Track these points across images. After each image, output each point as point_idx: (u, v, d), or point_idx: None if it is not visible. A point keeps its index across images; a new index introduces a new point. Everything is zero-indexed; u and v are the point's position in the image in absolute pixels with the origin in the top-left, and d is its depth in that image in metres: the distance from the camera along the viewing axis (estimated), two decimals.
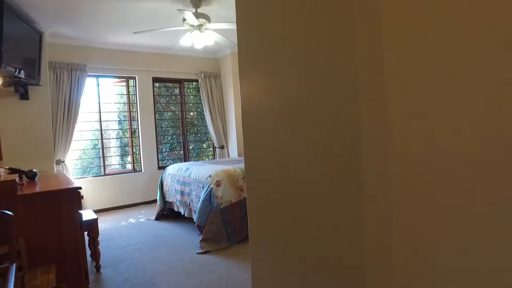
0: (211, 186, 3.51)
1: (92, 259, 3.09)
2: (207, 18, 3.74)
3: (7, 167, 2.95)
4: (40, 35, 4.40)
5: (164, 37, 5.12)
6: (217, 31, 4.07)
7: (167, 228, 4.23)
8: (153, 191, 5.70)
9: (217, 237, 3.42)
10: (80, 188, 2.35)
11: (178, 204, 4.28)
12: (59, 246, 2.31)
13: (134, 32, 3.91)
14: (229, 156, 6.62)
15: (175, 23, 4.29)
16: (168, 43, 5.43)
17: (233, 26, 3.96)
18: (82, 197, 2.62)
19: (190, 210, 4.06)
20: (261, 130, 1.02)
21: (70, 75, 4.95)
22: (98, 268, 3.00)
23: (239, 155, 6.35)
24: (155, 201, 5.70)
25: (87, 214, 3.06)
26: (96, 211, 5.20)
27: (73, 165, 5.36)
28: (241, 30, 1.06)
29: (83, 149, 5.75)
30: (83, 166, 5.68)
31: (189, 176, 4.05)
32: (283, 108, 0.89)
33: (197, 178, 3.86)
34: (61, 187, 2.36)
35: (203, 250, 3.31)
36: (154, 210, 5.12)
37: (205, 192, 3.52)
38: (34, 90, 4.45)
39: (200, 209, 3.49)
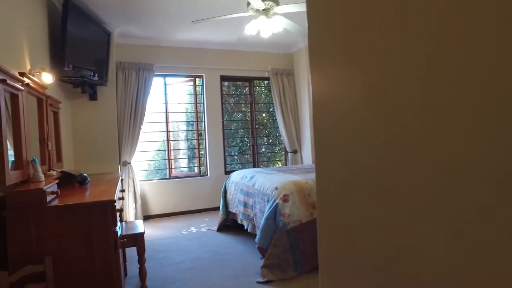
0: (276, 201, 2.89)
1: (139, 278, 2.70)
2: (275, 0, 3.15)
3: (59, 170, 2.74)
4: (108, 35, 4.31)
5: (230, 30, 4.69)
6: (286, 15, 3.45)
7: (228, 243, 3.73)
8: (219, 198, 5.27)
9: (282, 264, 2.77)
10: (114, 201, 1.94)
11: (241, 217, 3.75)
12: (90, 267, 1.92)
13: (193, 22, 3.51)
14: (302, 163, 5.93)
15: (239, 11, 3.79)
16: (235, 36, 4.99)
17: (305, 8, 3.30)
18: (121, 210, 2.23)
19: (253, 225, 3.50)
20: (340, 137, 0.77)
21: (138, 75, 4.82)
22: None
23: (313, 161, 5.62)
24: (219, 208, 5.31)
25: (133, 227, 2.69)
26: (160, 216, 5.00)
27: (139, 167, 5.24)
28: (313, 10, 0.86)
29: (150, 151, 5.63)
30: (149, 168, 5.56)
31: (253, 186, 3.49)
32: (381, 108, 0.64)
33: (261, 189, 3.28)
34: (98, 199, 1.97)
35: (264, 279, 2.70)
36: (217, 217, 4.69)
37: (270, 208, 2.91)
38: (101, 90, 4.38)
39: (263, 228, 2.89)
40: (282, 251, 2.77)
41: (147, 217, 4.97)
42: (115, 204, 1.96)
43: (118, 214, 2.23)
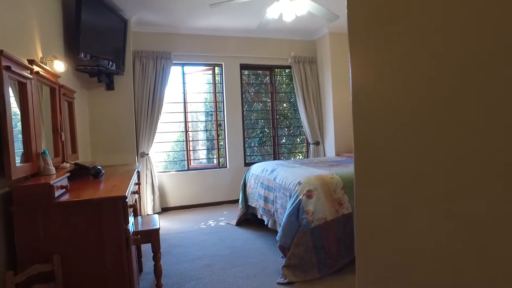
0: (300, 197, 2.69)
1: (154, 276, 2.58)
2: None
3: (73, 162, 2.64)
4: (125, 22, 4.18)
5: (250, 16, 4.45)
6: None
7: (247, 238, 3.57)
8: (238, 190, 5.13)
9: (305, 265, 2.59)
10: (126, 197, 1.80)
11: (261, 212, 3.59)
12: (101, 267, 1.80)
13: (211, 5, 3.30)
14: (325, 155, 5.69)
15: None
16: (255, 23, 4.75)
17: None
18: (133, 206, 2.10)
19: (274, 221, 3.32)
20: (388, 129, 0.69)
21: (155, 64, 4.69)
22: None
23: (337, 154, 5.36)
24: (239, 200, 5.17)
25: (148, 222, 2.56)
26: (178, 208, 4.91)
27: (157, 159, 5.15)
28: None
29: (168, 142, 5.53)
30: (167, 159, 5.47)
31: (274, 179, 3.30)
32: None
33: (283, 183, 3.09)
34: (109, 194, 1.84)
35: (286, 280, 2.52)
36: (236, 211, 4.55)
37: (292, 204, 2.72)
38: (118, 80, 4.27)
39: (285, 226, 2.70)
40: (305, 251, 2.58)
41: (165, 209, 4.90)
42: (126, 200, 1.82)
43: (131, 209, 2.10)
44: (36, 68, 2.07)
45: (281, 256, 2.85)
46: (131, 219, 2.09)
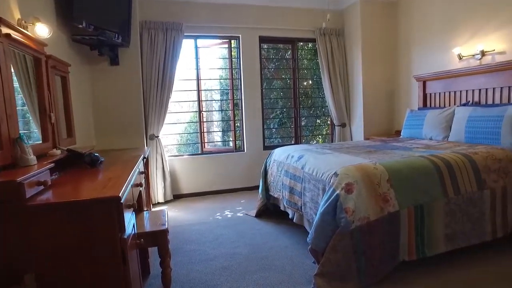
0: (337, 191, 2.21)
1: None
2: None
3: (65, 148, 2.22)
4: None
5: None
6: None
7: (269, 234, 3.14)
8: (256, 176, 4.71)
9: (343, 274, 2.14)
10: (120, 198, 1.35)
11: (285, 204, 3.13)
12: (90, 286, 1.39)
13: None
14: (351, 138, 5.15)
15: None
16: None
17: None
18: (134, 204, 1.66)
19: (301, 216, 2.87)
20: None
21: (165, 36, 4.18)
22: None
23: (365, 137, 4.82)
24: (257, 187, 4.73)
25: (154, 220, 2.14)
26: (191, 195, 4.53)
27: (168, 142, 4.73)
28: None
29: (180, 123, 5.10)
30: (180, 142, 5.04)
31: (302, 168, 2.82)
32: None
33: (314, 173, 2.61)
34: (99, 194, 1.40)
35: None
36: (255, 199, 4.13)
37: (328, 200, 2.24)
38: (124, 54, 3.82)
39: (318, 226, 2.24)
40: (343, 257, 2.13)
41: (177, 197, 4.51)
42: (121, 202, 1.38)
43: (131, 209, 1.67)
44: (5, 30, 1.61)
45: (312, 261, 2.40)
46: (131, 220, 1.67)
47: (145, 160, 2.98)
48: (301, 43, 5.24)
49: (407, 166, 2.41)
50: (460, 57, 3.73)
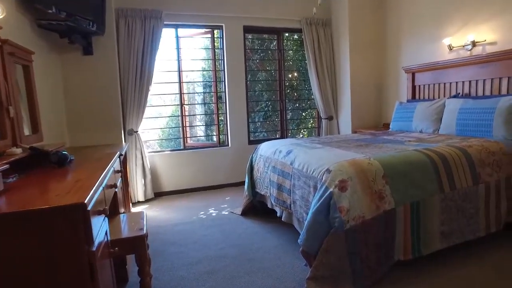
0: (330, 189, 2.06)
1: None
2: None
3: (28, 146, 1.98)
4: None
5: None
6: None
7: (256, 234, 2.98)
8: (241, 171, 4.54)
9: (337, 277, 2.00)
10: (85, 206, 1.15)
11: (273, 202, 2.98)
12: None
13: None
14: (339, 131, 5.04)
15: None
16: None
17: None
18: (104, 210, 1.45)
19: (290, 214, 2.72)
20: None
21: (144, 25, 3.92)
22: None
23: (353, 130, 4.71)
24: (243, 183, 4.56)
25: (132, 224, 1.94)
26: (173, 193, 4.32)
27: (148, 137, 4.49)
28: None
29: (161, 117, 4.86)
30: (161, 137, 4.80)
31: (291, 164, 2.66)
32: None
33: (304, 169, 2.45)
34: (60, 202, 1.19)
35: None
36: (240, 196, 3.98)
37: (320, 198, 2.09)
38: (98, 42, 3.54)
39: (310, 226, 2.09)
40: (337, 259, 1.99)
41: (158, 195, 4.29)
42: (88, 209, 1.17)
43: (102, 215, 1.46)
44: None
45: (304, 264, 2.26)
46: (104, 226, 1.47)
47: (122, 157, 2.75)
48: (287, 34, 5.06)
49: (402, 161, 2.28)
50: (450, 48, 3.64)
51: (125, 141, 3.89)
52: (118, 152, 2.48)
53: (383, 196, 2.12)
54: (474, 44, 3.40)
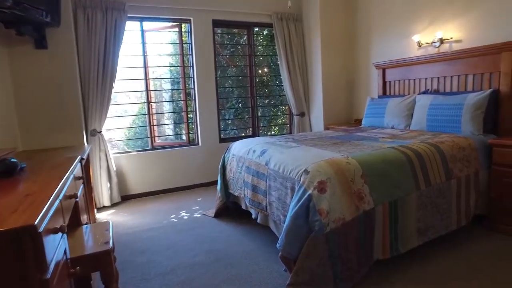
0: (309, 191, 1.98)
1: None
2: None
3: None
4: None
5: None
6: None
7: (231, 237, 2.87)
8: (213, 170, 4.42)
9: (318, 281, 1.93)
10: (36, 228, 0.98)
11: (247, 203, 2.87)
12: None
13: None
14: (311, 128, 5.02)
15: None
16: None
17: None
18: (63, 229, 1.27)
19: (266, 216, 2.63)
20: None
21: (105, 17, 3.64)
22: None
23: (325, 127, 4.70)
24: (214, 183, 4.45)
25: (97, 235, 1.75)
26: (142, 195, 4.10)
27: (113, 137, 4.23)
28: None
29: (126, 116, 4.60)
30: (126, 137, 4.55)
31: (266, 164, 2.57)
32: None
33: (280, 170, 2.36)
34: (3, 226, 1.00)
35: None
36: (212, 196, 3.85)
37: (299, 201, 2.01)
38: (53, 35, 3.24)
39: (289, 231, 2.01)
40: (317, 264, 1.92)
41: (125, 198, 4.05)
42: (39, 232, 1.00)
43: (60, 233, 1.28)
44: None
45: (283, 269, 2.18)
46: (62, 245, 1.29)
47: (83, 161, 2.52)
48: (257, 28, 4.95)
49: (380, 159, 2.26)
50: (419, 45, 3.69)
51: (87, 143, 3.62)
52: (79, 156, 2.26)
53: (362, 196, 2.07)
54: (441, 41, 3.46)
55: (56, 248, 1.19)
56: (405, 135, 3.10)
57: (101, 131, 3.75)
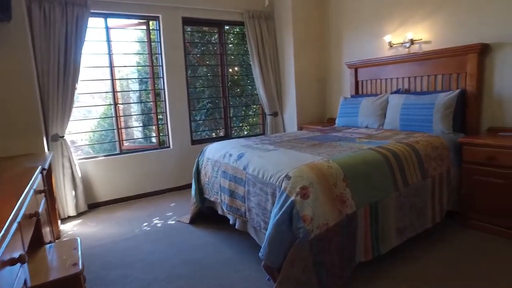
0: (292, 197, 1.92)
1: None
2: None
3: None
4: None
5: None
6: None
7: (209, 244, 2.76)
8: (185, 174, 4.28)
9: None
10: None
11: (225, 209, 2.77)
12: None
13: None
14: (284, 128, 4.98)
15: None
16: None
17: None
18: (22, 258, 1.12)
19: (245, 222, 2.54)
20: None
21: (65, 12, 3.38)
22: None
23: (299, 126, 4.69)
24: (187, 186, 4.32)
25: (63, 256, 1.59)
26: (111, 202, 3.88)
27: (78, 142, 3.96)
28: None
29: (91, 119, 4.33)
30: (92, 142, 4.29)
31: (244, 169, 2.48)
32: None
33: (260, 175, 2.28)
34: None
35: None
36: (186, 201, 3.74)
37: (281, 208, 1.94)
38: (3, 32, 2.95)
39: (272, 239, 1.94)
40: (302, 271, 1.86)
41: (93, 206, 3.81)
42: None
43: (19, 265, 1.13)
44: None
45: (267, 278, 2.11)
46: (21, 276, 1.14)
47: (45, 171, 2.31)
48: (229, 26, 4.83)
49: (360, 162, 2.24)
50: (390, 45, 3.75)
51: (48, 149, 3.35)
52: (40, 167, 2.06)
53: (345, 200, 2.04)
54: (412, 42, 3.53)
55: (14, 281, 1.04)
56: (380, 135, 3.13)
57: (64, 136, 3.49)
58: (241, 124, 5.48)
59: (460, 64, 3.14)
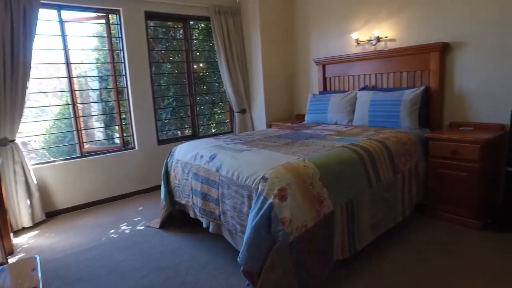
0: (269, 200, 1.86)
1: None
2: None
3: None
4: None
5: None
6: None
7: (182, 250, 2.64)
8: (152, 176, 4.12)
9: None
10: None
11: (198, 212, 2.66)
12: None
13: None
14: (253, 125, 4.92)
15: None
16: None
17: None
18: None
19: (219, 225, 2.46)
20: None
21: (9, 3, 3.07)
22: None
23: (268, 124, 4.65)
24: (155, 188, 4.16)
25: (19, 279, 1.41)
26: (72, 209, 3.64)
27: (32, 146, 3.64)
28: None
29: (46, 120, 4.01)
30: (48, 145, 3.98)
31: (217, 171, 2.39)
32: None
33: (235, 178, 2.20)
34: None
35: None
36: (154, 204, 3.59)
37: (259, 211, 1.88)
38: None
39: (251, 244, 1.87)
40: (282, 275, 1.82)
41: (51, 215, 3.53)
42: None
43: None
44: None
45: (246, 284, 2.04)
46: None
47: None
48: (194, 21, 4.67)
49: (335, 161, 2.23)
50: (357, 42, 3.80)
51: None
52: None
53: (322, 199, 2.02)
54: (378, 39, 3.60)
55: None
56: (350, 131, 3.16)
57: (15, 140, 3.19)
58: (208, 122, 5.35)
59: (423, 62, 3.24)
